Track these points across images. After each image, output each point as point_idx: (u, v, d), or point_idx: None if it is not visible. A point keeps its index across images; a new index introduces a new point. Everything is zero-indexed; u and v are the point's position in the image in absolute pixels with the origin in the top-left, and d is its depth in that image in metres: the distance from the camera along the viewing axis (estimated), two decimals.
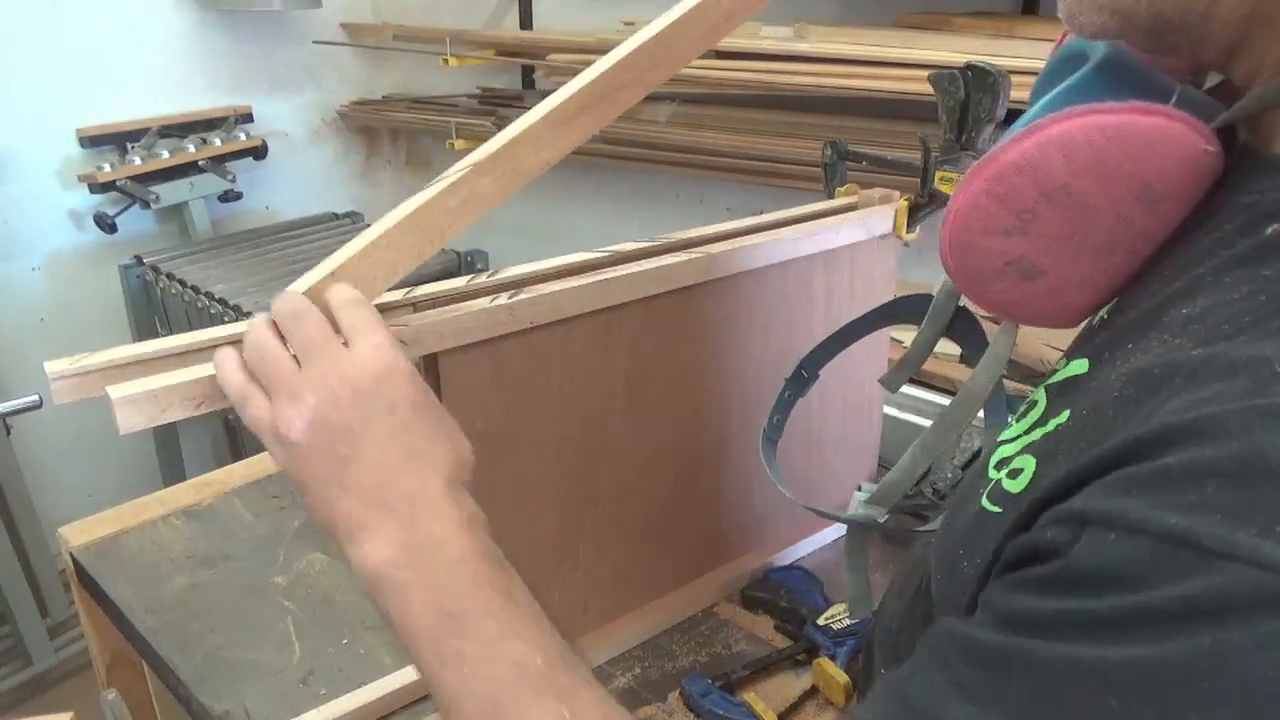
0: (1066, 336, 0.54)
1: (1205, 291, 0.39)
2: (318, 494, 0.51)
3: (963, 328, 0.69)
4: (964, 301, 0.68)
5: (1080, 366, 0.45)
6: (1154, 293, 0.43)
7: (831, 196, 1.03)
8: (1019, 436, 0.46)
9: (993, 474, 0.45)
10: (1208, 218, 0.43)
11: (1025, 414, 0.47)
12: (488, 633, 0.46)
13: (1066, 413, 0.42)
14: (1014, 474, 0.43)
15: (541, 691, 0.45)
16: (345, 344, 0.53)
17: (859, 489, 0.68)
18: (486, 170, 0.61)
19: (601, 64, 0.62)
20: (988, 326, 0.66)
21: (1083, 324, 0.51)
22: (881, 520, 0.67)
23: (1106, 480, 0.34)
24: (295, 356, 0.53)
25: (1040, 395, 0.47)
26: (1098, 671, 0.32)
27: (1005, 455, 0.45)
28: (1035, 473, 0.41)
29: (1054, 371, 0.48)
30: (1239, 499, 0.30)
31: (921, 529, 0.68)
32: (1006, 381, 0.78)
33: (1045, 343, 1.24)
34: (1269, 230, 0.38)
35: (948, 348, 0.73)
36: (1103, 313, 0.47)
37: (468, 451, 0.53)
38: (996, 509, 0.43)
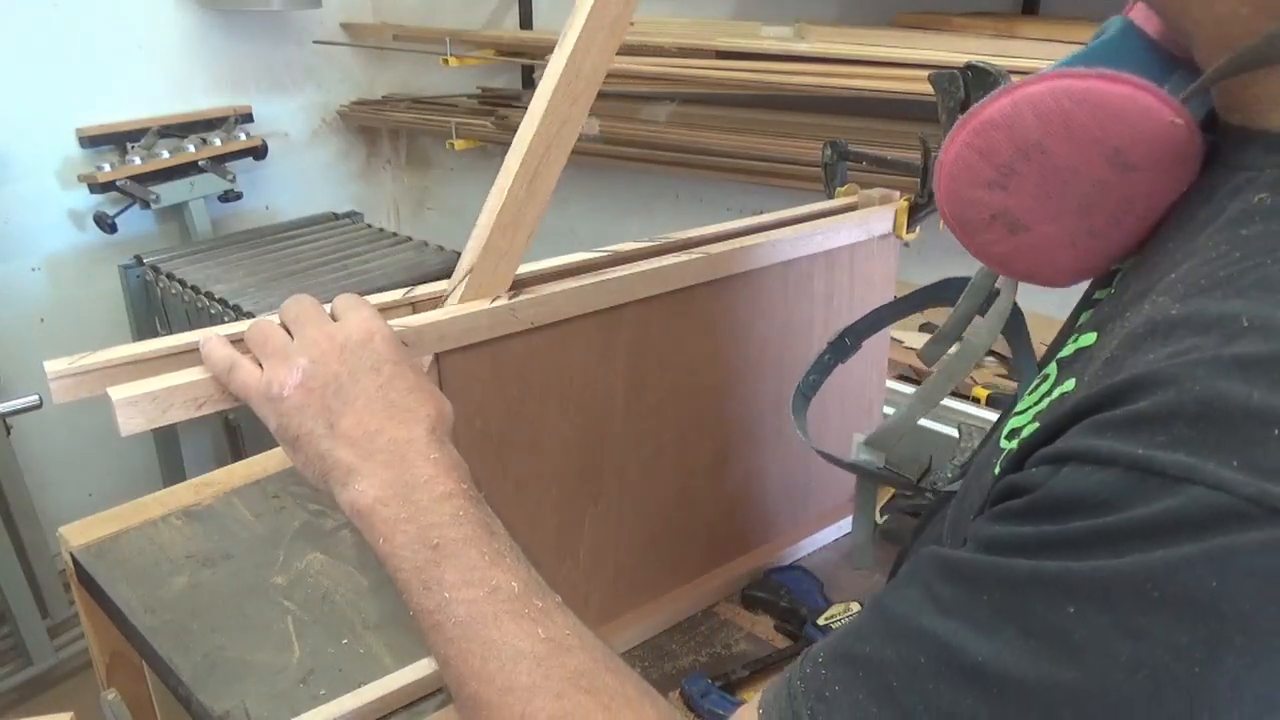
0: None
1: (1194, 256, 0.41)
2: (311, 447, 0.55)
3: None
4: (1000, 283, 0.69)
5: (1089, 339, 0.46)
6: (1155, 266, 0.44)
7: (831, 196, 1.03)
8: (1030, 408, 0.47)
9: (1004, 444, 0.47)
10: (1206, 194, 0.44)
11: (1037, 387, 0.49)
12: (468, 560, 0.50)
13: (1072, 381, 0.43)
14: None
15: (517, 612, 0.48)
16: (334, 319, 0.59)
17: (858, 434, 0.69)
18: (485, 270, 0.67)
19: (540, 97, 0.65)
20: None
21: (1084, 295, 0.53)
22: (881, 466, 0.67)
23: (1085, 424, 0.37)
24: (288, 330, 0.58)
25: (1052, 369, 0.49)
26: (1060, 583, 0.34)
27: (1016, 426, 0.47)
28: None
29: (1064, 345, 0.50)
30: (1202, 437, 0.33)
31: (945, 488, 0.67)
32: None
33: (1040, 342, 1.24)
34: (1256, 199, 0.40)
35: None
36: (1111, 288, 0.49)
37: (448, 407, 0.58)
38: None
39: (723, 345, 0.87)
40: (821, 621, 0.89)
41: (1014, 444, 0.45)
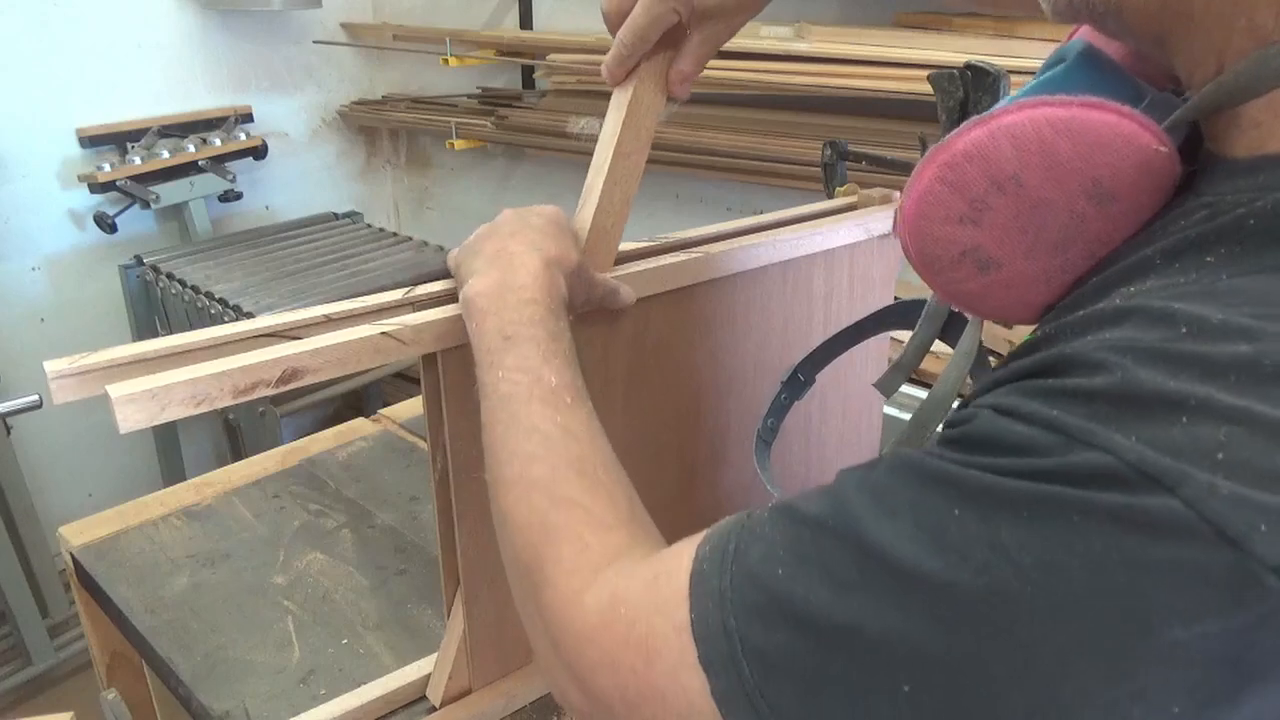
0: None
1: (1154, 273, 0.41)
2: (465, 266, 0.66)
3: (957, 332, 0.69)
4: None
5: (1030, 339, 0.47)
6: (1105, 269, 0.44)
7: (831, 196, 1.03)
8: None
9: None
10: (1167, 220, 0.43)
11: None
12: (525, 353, 0.58)
13: None
14: None
15: (545, 400, 0.57)
16: None
17: None
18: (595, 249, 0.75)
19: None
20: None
21: None
22: None
23: (1018, 384, 0.40)
24: None
25: None
26: (957, 488, 0.38)
27: None
28: None
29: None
30: (1116, 413, 0.36)
31: None
32: None
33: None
34: (1218, 220, 0.39)
35: (945, 347, 0.73)
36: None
37: (575, 260, 0.66)
38: None
39: (722, 344, 0.87)
40: None
41: None
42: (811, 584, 0.41)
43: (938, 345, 0.71)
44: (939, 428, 0.49)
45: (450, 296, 0.71)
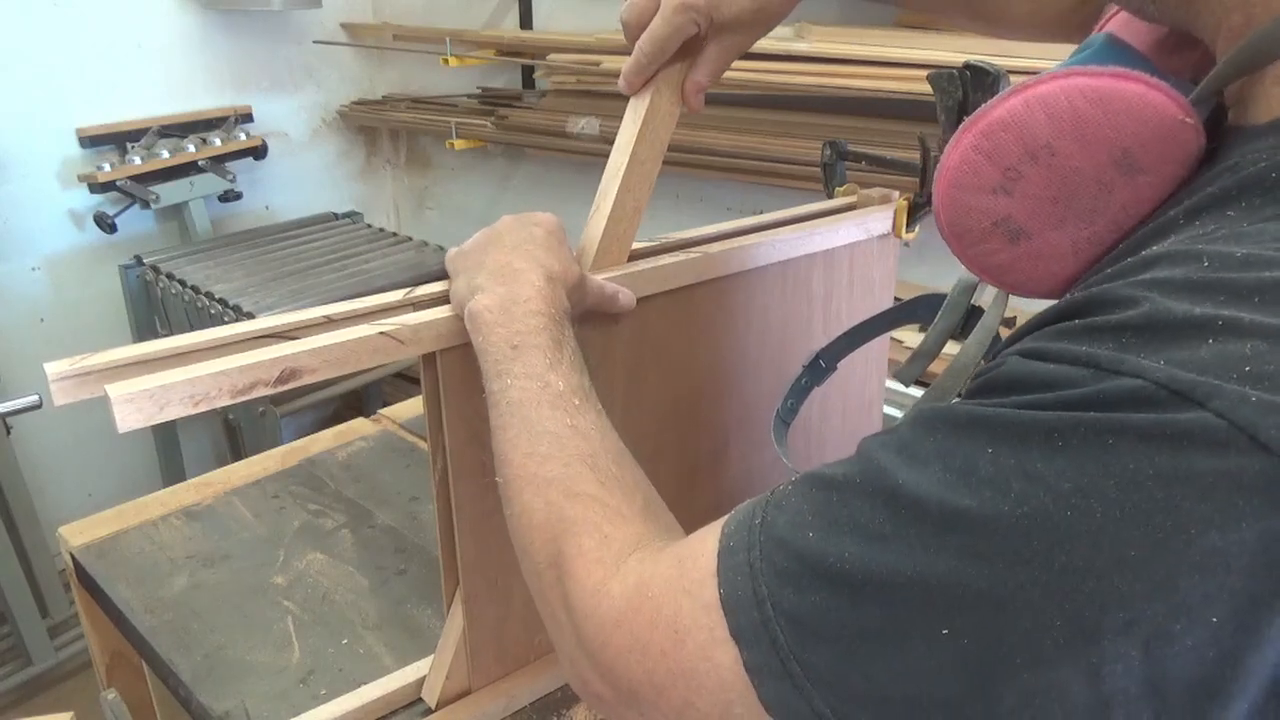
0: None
1: (1176, 230, 0.42)
2: (464, 281, 0.67)
3: (975, 324, 0.69)
4: (977, 300, 0.69)
5: None
6: (1129, 239, 0.46)
7: (831, 196, 1.03)
8: None
9: None
10: (1190, 191, 0.44)
11: None
12: (532, 360, 0.60)
13: None
14: None
15: (554, 404, 0.58)
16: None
17: None
18: (608, 246, 0.75)
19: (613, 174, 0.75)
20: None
21: None
22: None
23: (1047, 330, 0.41)
24: None
25: None
26: (988, 425, 0.39)
27: None
28: None
29: None
30: (1142, 341, 0.36)
31: None
32: None
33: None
34: (1239, 175, 0.40)
35: (952, 348, 0.73)
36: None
37: (576, 274, 0.68)
38: None
39: (722, 344, 0.87)
40: None
41: None
42: (843, 542, 0.41)
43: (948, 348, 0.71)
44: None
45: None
